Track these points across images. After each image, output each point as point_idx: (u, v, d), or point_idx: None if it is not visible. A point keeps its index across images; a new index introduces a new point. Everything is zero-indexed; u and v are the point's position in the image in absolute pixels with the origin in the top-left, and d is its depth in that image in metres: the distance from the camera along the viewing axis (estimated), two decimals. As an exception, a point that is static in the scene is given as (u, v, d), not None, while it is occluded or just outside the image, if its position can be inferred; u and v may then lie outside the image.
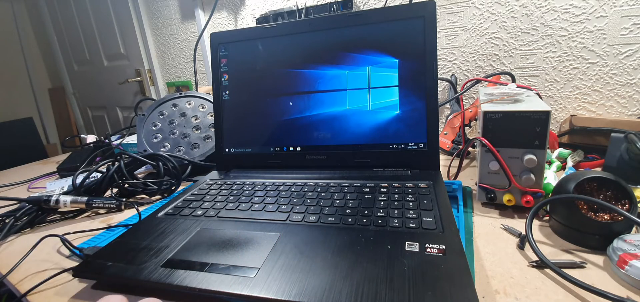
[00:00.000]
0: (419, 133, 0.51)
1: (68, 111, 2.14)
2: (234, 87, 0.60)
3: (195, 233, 0.38)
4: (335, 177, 0.50)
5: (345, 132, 0.54)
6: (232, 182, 0.53)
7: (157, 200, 0.59)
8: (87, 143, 0.90)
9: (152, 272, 0.32)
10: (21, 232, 0.51)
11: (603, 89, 0.69)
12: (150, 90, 1.55)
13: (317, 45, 0.55)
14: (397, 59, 0.51)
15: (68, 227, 0.51)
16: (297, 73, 0.56)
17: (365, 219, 0.38)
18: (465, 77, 0.82)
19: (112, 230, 0.49)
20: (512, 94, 0.46)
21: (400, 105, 0.52)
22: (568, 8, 0.68)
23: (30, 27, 2.15)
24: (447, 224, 0.35)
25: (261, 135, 0.58)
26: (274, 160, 0.58)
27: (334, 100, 0.55)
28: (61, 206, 0.53)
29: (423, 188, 0.44)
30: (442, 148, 0.73)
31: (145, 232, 0.39)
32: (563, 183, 0.38)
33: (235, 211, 0.43)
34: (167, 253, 0.35)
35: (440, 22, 0.81)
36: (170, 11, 1.33)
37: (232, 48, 0.60)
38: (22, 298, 0.35)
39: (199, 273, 0.31)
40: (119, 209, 0.55)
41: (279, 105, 0.57)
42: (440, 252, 0.30)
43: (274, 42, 0.57)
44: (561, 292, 0.29)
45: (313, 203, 0.43)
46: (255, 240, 0.36)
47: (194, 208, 0.45)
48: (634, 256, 0.29)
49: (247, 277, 0.30)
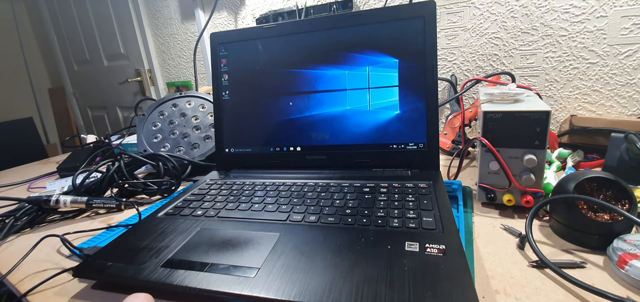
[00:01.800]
0: (419, 133, 0.51)
1: (68, 111, 2.14)
2: (234, 87, 0.60)
3: (195, 233, 0.38)
4: (335, 177, 0.50)
5: (345, 132, 0.54)
6: (232, 182, 0.53)
7: (157, 200, 0.59)
8: (87, 143, 0.90)
9: (152, 272, 0.32)
10: (21, 232, 0.51)
11: (603, 89, 0.69)
12: (150, 90, 1.55)
13: (317, 45, 0.55)
14: (397, 59, 0.51)
15: (68, 227, 0.51)
16: (297, 73, 0.56)
17: (365, 219, 0.38)
18: (465, 77, 0.82)
19: (112, 230, 0.49)
20: (512, 94, 0.46)
21: (400, 105, 0.52)
22: (568, 8, 0.68)
23: (30, 27, 2.15)
24: (447, 224, 0.35)
25: (261, 136, 0.58)
26: (274, 160, 0.58)
27: (334, 100, 0.55)
28: (61, 206, 0.53)
29: (423, 188, 0.44)
30: (442, 148, 0.73)
31: (145, 232, 0.39)
32: (563, 183, 0.38)
33: (235, 211, 0.43)
34: (167, 253, 0.35)
35: (440, 22, 0.81)
36: (170, 11, 1.33)
37: (232, 48, 0.60)
38: (22, 298, 0.35)
39: (199, 273, 0.31)
40: (119, 209, 0.55)
41: (279, 105, 0.57)
42: (440, 252, 0.30)
43: (274, 42, 0.57)
44: (561, 292, 0.29)
45: (313, 203, 0.43)
46: (255, 240, 0.36)
47: (194, 208, 0.45)
48: (634, 256, 0.29)
49: (247, 277, 0.30)
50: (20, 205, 0.53)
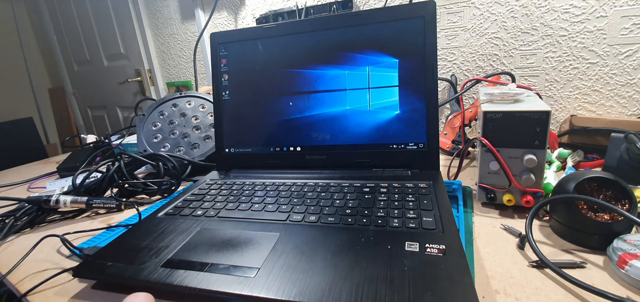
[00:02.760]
0: (419, 133, 0.51)
1: (68, 111, 2.14)
2: (234, 87, 0.60)
3: (195, 233, 0.38)
4: (335, 177, 0.50)
5: (345, 132, 0.54)
6: (232, 182, 0.53)
7: (157, 200, 0.59)
8: (87, 143, 0.90)
9: (152, 272, 0.32)
10: (21, 232, 0.51)
11: (603, 89, 0.69)
12: (150, 90, 1.55)
13: (317, 45, 0.55)
14: (397, 59, 0.51)
15: (68, 227, 0.51)
16: (297, 73, 0.56)
17: (365, 219, 0.38)
18: (465, 77, 0.82)
19: (112, 230, 0.49)
20: (512, 94, 0.46)
21: (400, 105, 0.52)
22: (568, 8, 0.68)
23: (30, 27, 2.15)
24: (447, 224, 0.35)
25: (261, 136, 0.58)
26: (274, 160, 0.58)
27: (334, 100, 0.55)
28: (61, 206, 0.53)
29: (423, 188, 0.44)
30: (442, 148, 0.73)
31: (145, 232, 0.39)
32: (563, 183, 0.38)
33: (235, 211, 0.43)
34: (167, 253, 0.35)
35: (440, 22, 0.81)
36: (170, 11, 1.33)
37: (232, 48, 0.60)
38: (22, 298, 0.35)
39: (199, 273, 0.31)
40: (119, 209, 0.55)
41: (279, 105, 0.57)
42: (440, 252, 0.30)
43: (274, 42, 0.57)
44: (561, 292, 0.29)
45: (313, 203, 0.43)
46: (255, 240, 0.36)
47: (194, 208, 0.45)
48: (634, 256, 0.29)
49: (247, 277, 0.30)
50: (20, 205, 0.53)
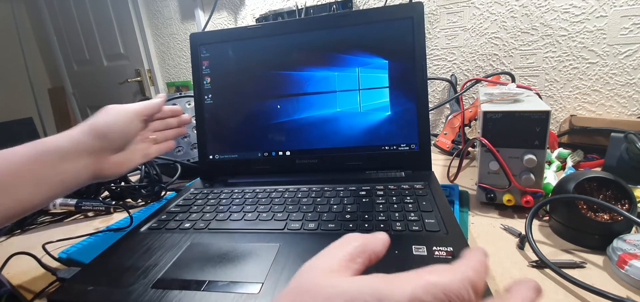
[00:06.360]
0: (411, 134, 0.51)
1: (68, 111, 2.14)
2: (218, 90, 0.57)
3: (186, 248, 0.35)
4: (328, 181, 0.48)
5: (336, 134, 0.53)
6: (219, 190, 0.50)
7: (143, 206, 0.57)
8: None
9: (142, 295, 0.28)
10: (11, 233, 0.50)
11: (603, 89, 0.69)
12: (150, 90, 1.55)
13: (305, 46, 0.54)
14: (386, 59, 0.51)
15: (57, 230, 0.51)
16: (285, 75, 0.54)
17: (366, 224, 0.37)
18: (465, 77, 0.82)
19: (100, 235, 0.46)
20: (512, 94, 0.46)
21: (391, 106, 0.51)
22: (568, 8, 0.68)
23: (30, 27, 2.15)
24: (450, 225, 0.34)
25: (248, 140, 0.56)
26: (262, 165, 0.56)
27: (324, 102, 0.53)
28: (50, 208, 0.52)
29: (419, 189, 0.43)
30: (442, 148, 0.73)
31: (127, 250, 0.35)
32: (563, 183, 0.38)
33: (227, 222, 0.40)
34: (157, 272, 0.31)
35: (440, 22, 0.81)
36: (170, 11, 1.33)
37: (214, 49, 0.57)
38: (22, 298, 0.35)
39: (197, 293, 0.28)
40: (108, 212, 0.55)
41: (266, 108, 0.55)
42: (448, 255, 0.30)
43: (259, 43, 0.55)
44: (561, 292, 0.29)
45: (310, 209, 0.41)
46: (253, 252, 0.33)
47: (180, 220, 0.41)
48: (634, 255, 0.29)
49: (251, 293, 0.27)
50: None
